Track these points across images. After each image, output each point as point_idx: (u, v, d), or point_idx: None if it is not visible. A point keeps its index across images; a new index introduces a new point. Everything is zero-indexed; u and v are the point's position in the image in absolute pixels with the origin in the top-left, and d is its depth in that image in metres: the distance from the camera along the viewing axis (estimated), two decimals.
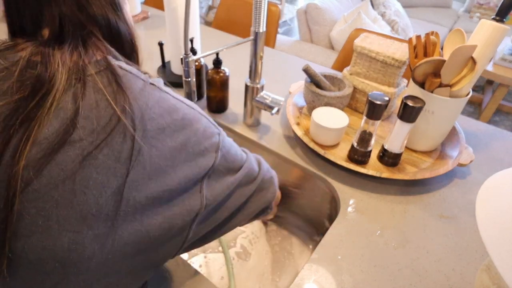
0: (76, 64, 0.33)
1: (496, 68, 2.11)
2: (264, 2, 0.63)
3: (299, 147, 0.79)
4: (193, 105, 0.41)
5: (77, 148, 0.30)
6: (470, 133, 0.86)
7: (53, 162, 0.30)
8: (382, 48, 0.77)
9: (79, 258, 0.30)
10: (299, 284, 0.53)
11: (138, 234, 0.33)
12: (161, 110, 0.35)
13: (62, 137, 0.30)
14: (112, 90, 0.33)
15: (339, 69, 1.30)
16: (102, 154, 0.31)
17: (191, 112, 0.38)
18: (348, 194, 0.68)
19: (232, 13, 1.56)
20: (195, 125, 0.38)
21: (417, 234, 0.61)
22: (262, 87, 0.77)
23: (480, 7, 3.21)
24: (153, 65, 1.06)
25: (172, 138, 0.35)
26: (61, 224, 0.30)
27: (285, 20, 4.04)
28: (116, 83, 0.34)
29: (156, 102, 0.35)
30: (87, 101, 0.32)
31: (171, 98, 0.37)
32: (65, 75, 0.32)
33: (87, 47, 0.36)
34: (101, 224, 0.31)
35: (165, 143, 0.35)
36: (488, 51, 0.63)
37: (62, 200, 0.29)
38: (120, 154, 0.32)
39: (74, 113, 0.31)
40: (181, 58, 0.59)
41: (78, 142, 0.31)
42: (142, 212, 0.33)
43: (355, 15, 2.15)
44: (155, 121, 0.34)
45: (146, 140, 0.33)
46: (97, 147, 0.31)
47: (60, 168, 0.30)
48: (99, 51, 0.36)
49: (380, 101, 0.61)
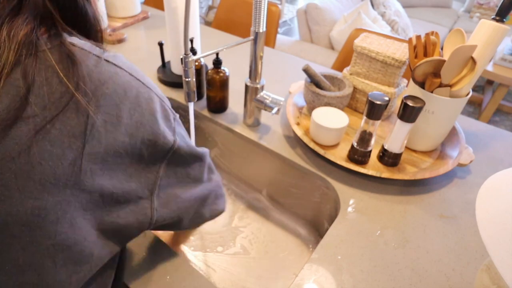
0: (27, 38, 0.33)
1: (496, 68, 2.11)
2: (264, 2, 0.63)
3: (299, 147, 0.79)
4: (150, 84, 0.40)
5: (30, 123, 0.31)
6: (470, 133, 0.86)
7: (7, 137, 0.31)
8: (382, 48, 0.77)
9: (44, 222, 0.33)
10: (299, 284, 0.53)
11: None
12: (115, 86, 0.35)
13: (14, 113, 0.31)
14: (64, 66, 0.33)
15: (339, 69, 1.30)
16: (54, 129, 0.32)
17: (146, 91, 0.39)
18: (348, 194, 0.68)
19: (232, 13, 1.56)
20: (151, 105, 0.38)
21: (417, 234, 0.61)
22: (262, 87, 0.77)
23: (480, 7, 3.21)
24: (153, 65, 1.06)
25: (127, 115, 0.36)
26: (21, 192, 0.31)
27: (285, 20, 4.04)
28: (69, 59, 0.34)
29: (110, 78, 0.35)
30: (39, 77, 0.32)
31: (126, 75, 0.37)
32: (13, 49, 0.32)
33: (42, 23, 0.35)
34: (61, 192, 0.33)
35: (120, 119, 0.35)
36: (488, 51, 0.63)
37: (20, 171, 0.31)
38: (74, 129, 0.33)
39: (26, 90, 0.31)
40: (181, 58, 0.59)
41: (31, 117, 0.31)
42: (101, 184, 0.35)
43: (355, 15, 2.15)
44: (109, 96, 0.35)
45: (99, 115, 0.34)
46: (49, 121, 0.32)
47: (14, 142, 0.31)
48: (53, 27, 0.36)
49: (380, 101, 0.61)
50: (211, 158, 0.48)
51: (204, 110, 0.89)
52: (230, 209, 0.87)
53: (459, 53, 0.61)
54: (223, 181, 0.94)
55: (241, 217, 0.85)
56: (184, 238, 0.80)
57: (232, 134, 0.85)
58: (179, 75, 0.99)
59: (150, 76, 1.01)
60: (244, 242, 0.80)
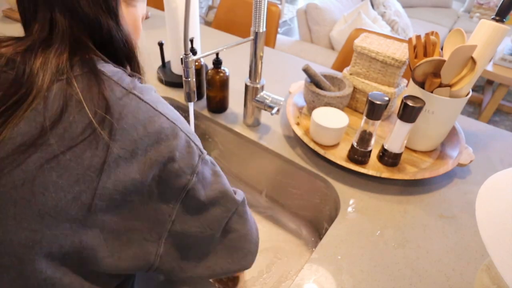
0: (59, 68, 0.33)
1: (496, 68, 2.11)
2: (264, 2, 0.63)
3: (299, 147, 0.79)
4: (177, 119, 0.38)
5: (43, 151, 0.30)
6: (470, 133, 0.86)
7: (15, 163, 0.30)
8: (382, 48, 0.77)
9: (35, 256, 0.31)
10: (299, 284, 0.53)
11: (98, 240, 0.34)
12: (134, 120, 0.34)
13: (29, 140, 0.30)
14: (89, 96, 0.32)
15: (339, 69, 1.30)
16: (65, 160, 0.31)
17: (170, 127, 0.36)
18: (348, 194, 0.68)
19: (232, 13, 1.56)
20: (172, 141, 0.36)
21: (417, 234, 0.61)
22: (262, 87, 0.77)
23: (480, 7, 3.21)
24: (153, 65, 1.06)
25: (142, 152, 0.34)
26: (18, 221, 0.30)
27: (285, 20, 4.04)
28: (96, 88, 0.33)
29: (130, 112, 0.34)
30: (62, 105, 0.31)
31: (150, 110, 0.35)
32: (48, 77, 0.32)
33: (75, 51, 0.35)
34: (61, 225, 0.31)
35: (134, 155, 0.33)
36: (488, 51, 0.63)
37: (21, 200, 0.30)
38: (88, 162, 0.31)
39: (47, 117, 0.31)
40: (181, 58, 0.59)
41: (45, 145, 0.30)
42: (104, 220, 0.33)
43: (355, 15, 2.15)
44: (126, 131, 0.33)
45: (115, 149, 0.32)
46: (62, 152, 0.31)
47: (21, 170, 0.30)
48: (86, 53, 0.35)
49: (380, 101, 0.61)
50: (211, 159, 0.43)
51: (204, 110, 0.89)
52: None
53: (459, 53, 0.61)
54: None
55: None
56: None
57: (232, 134, 0.85)
58: (179, 75, 0.99)
59: (150, 76, 1.01)
60: None
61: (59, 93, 0.32)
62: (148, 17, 1.40)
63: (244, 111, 0.83)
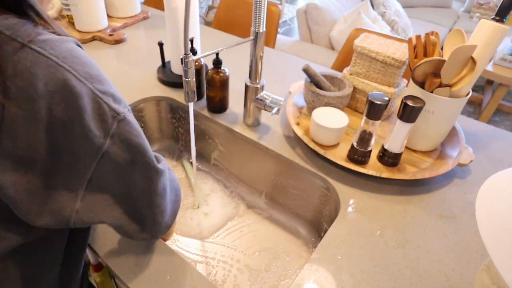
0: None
1: (496, 68, 2.11)
2: (264, 2, 0.63)
3: (299, 147, 0.79)
4: (88, 77, 0.36)
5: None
6: (470, 133, 0.86)
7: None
8: (382, 48, 0.77)
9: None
10: (299, 284, 0.53)
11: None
12: (32, 77, 0.32)
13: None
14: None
15: (339, 69, 1.30)
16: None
17: (77, 84, 0.34)
18: (348, 194, 0.68)
19: (232, 13, 1.56)
20: (78, 101, 0.34)
21: (417, 234, 0.61)
22: (262, 87, 0.77)
23: (480, 7, 3.22)
24: (153, 65, 1.06)
25: (45, 111, 0.33)
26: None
27: (285, 20, 4.04)
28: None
29: (26, 68, 0.32)
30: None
31: (52, 65, 0.33)
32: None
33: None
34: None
35: (36, 115, 0.32)
36: (488, 51, 0.63)
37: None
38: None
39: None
40: (181, 58, 0.59)
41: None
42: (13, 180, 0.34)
43: (355, 15, 2.15)
44: (22, 90, 0.31)
45: (10, 110, 0.31)
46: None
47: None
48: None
49: (380, 101, 0.61)
50: (212, 159, 0.45)
51: (204, 110, 0.89)
52: (230, 209, 0.87)
53: (459, 53, 0.61)
54: (223, 182, 0.94)
55: (241, 217, 0.85)
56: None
57: (232, 134, 0.85)
58: (179, 75, 0.99)
59: (150, 76, 1.01)
60: (244, 242, 0.80)
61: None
62: (148, 17, 1.40)
63: (244, 111, 0.83)
